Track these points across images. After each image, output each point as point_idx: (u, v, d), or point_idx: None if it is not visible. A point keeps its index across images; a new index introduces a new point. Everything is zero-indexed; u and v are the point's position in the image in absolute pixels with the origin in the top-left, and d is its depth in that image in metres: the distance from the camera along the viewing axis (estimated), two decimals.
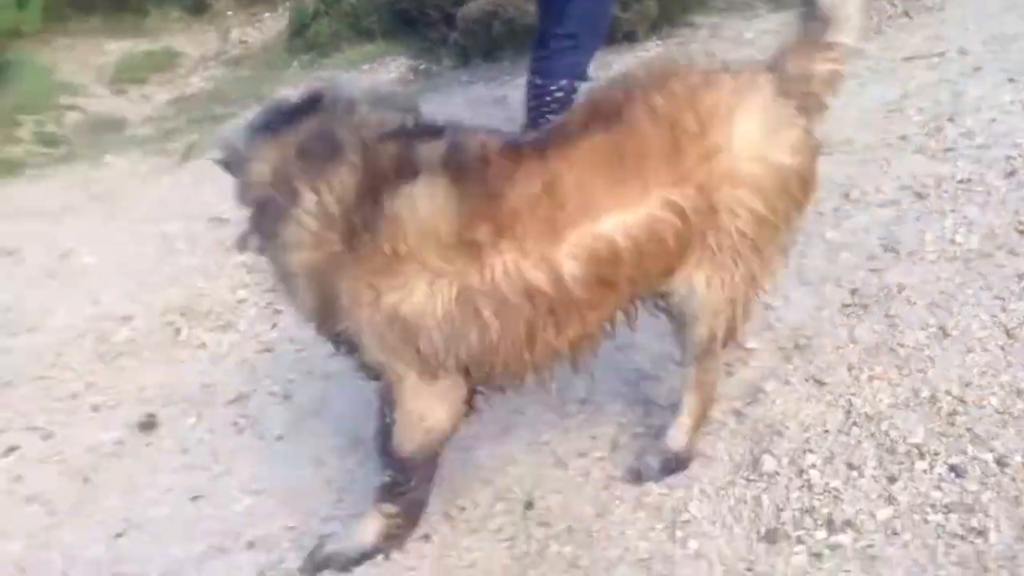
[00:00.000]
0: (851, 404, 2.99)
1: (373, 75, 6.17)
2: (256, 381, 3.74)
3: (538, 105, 4.25)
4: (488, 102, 5.54)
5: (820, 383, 3.11)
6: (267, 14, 7.54)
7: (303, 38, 6.92)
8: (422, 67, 6.26)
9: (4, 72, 6.34)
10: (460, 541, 2.86)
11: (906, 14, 5.67)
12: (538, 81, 4.26)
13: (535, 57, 4.31)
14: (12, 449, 3.60)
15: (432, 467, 2.75)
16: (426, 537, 2.88)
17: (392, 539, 2.79)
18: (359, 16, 6.83)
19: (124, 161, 5.70)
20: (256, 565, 2.91)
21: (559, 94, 4.20)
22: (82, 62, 7.07)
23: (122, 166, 5.65)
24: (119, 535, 3.13)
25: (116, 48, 7.24)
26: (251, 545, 3.00)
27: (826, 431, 2.94)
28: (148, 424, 3.61)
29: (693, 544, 2.67)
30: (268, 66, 6.73)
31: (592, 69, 4.67)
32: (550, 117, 4.08)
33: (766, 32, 5.59)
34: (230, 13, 7.68)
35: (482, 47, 6.12)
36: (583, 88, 4.16)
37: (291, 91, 5.86)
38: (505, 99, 5.50)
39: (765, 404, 3.07)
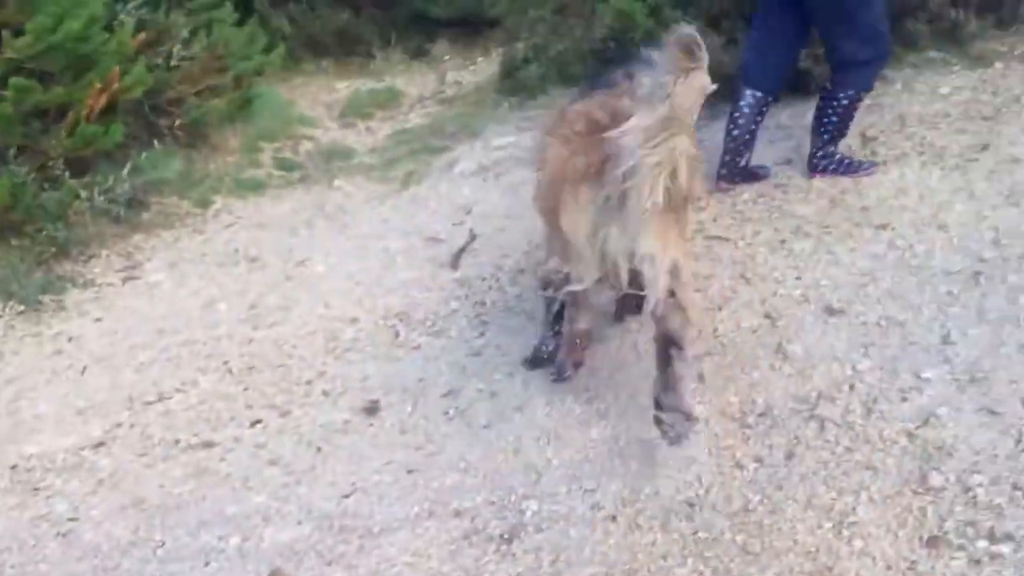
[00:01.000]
0: (1022, 433, 3.17)
1: None
2: (466, 379, 4.14)
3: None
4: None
5: (993, 413, 3.29)
6: (481, 59, 8.01)
7: (513, 80, 7.27)
8: None
9: (249, 105, 6.96)
10: (642, 522, 3.18)
11: None
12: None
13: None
14: (256, 422, 4.10)
15: None
16: (612, 518, 3.23)
17: None
18: (566, 62, 7.15)
19: (351, 185, 6.21)
20: (462, 530, 3.32)
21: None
22: (315, 99, 7.69)
23: (349, 190, 6.16)
24: (346, 496, 3.58)
25: (345, 87, 7.83)
26: (457, 514, 3.40)
27: (995, 455, 3.13)
28: (371, 408, 4.06)
29: (858, 543, 2.91)
30: (479, 105, 7.10)
31: (788, 118, 5.01)
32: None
33: (961, 88, 5.70)
34: (447, 57, 8.21)
35: None
36: None
37: (501, 128, 6.42)
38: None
39: (937, 428, 3.28)
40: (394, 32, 8.33)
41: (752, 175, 5.08)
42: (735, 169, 5.03)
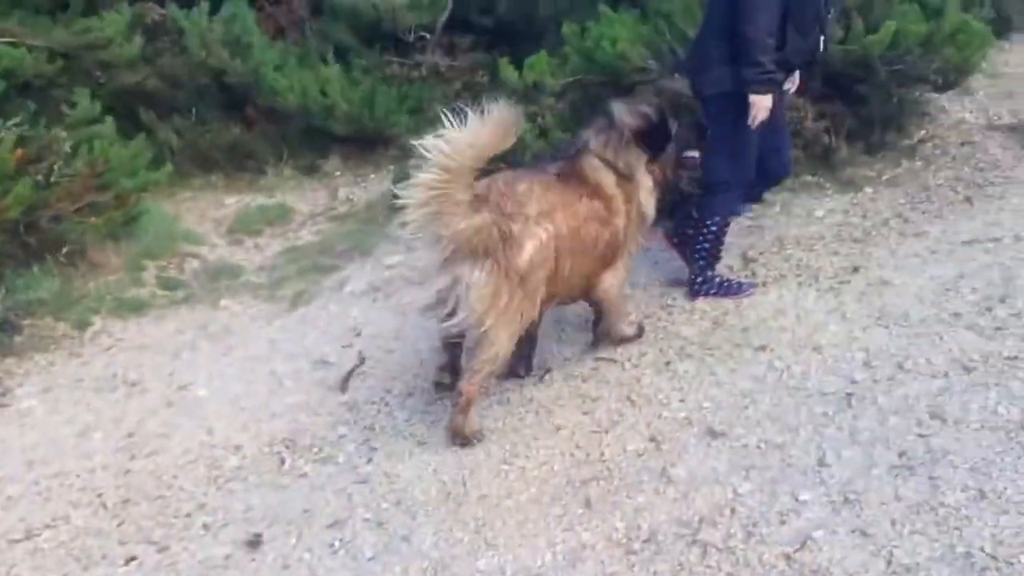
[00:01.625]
0: (892, 555, 3.26)
1: None
2: (352, 508, 4.08)
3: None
4: None
5: (865, 534, 3.38)
6: (373, 175, 8.04)
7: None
8: None
9: (134, 222, 6.84)
10: None
11: (968, 200, 6.00)
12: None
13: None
14: (131, 559, 3.96)
15: None
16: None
17: None
18: None
19: (238, 305, 6.13)
20: None
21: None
22: (203, 214, 7.58)
23: (236, 309, 6.09)
24: None
25: (234, 202, 7.75)
26: None
27: None
28: (254, 542, 3.96)
29: None
30: (371, 223, 7.07)
31: None
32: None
33: (834, 211, 5.98)
34: (338, 173, 8.22)
35: None
36: None
37: (392, 247, 6.44)
38: None
39: (813, 551, 3.35)
40: (286, 147, 8.34)
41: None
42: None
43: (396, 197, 4.08)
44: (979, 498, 3.42)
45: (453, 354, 4.55)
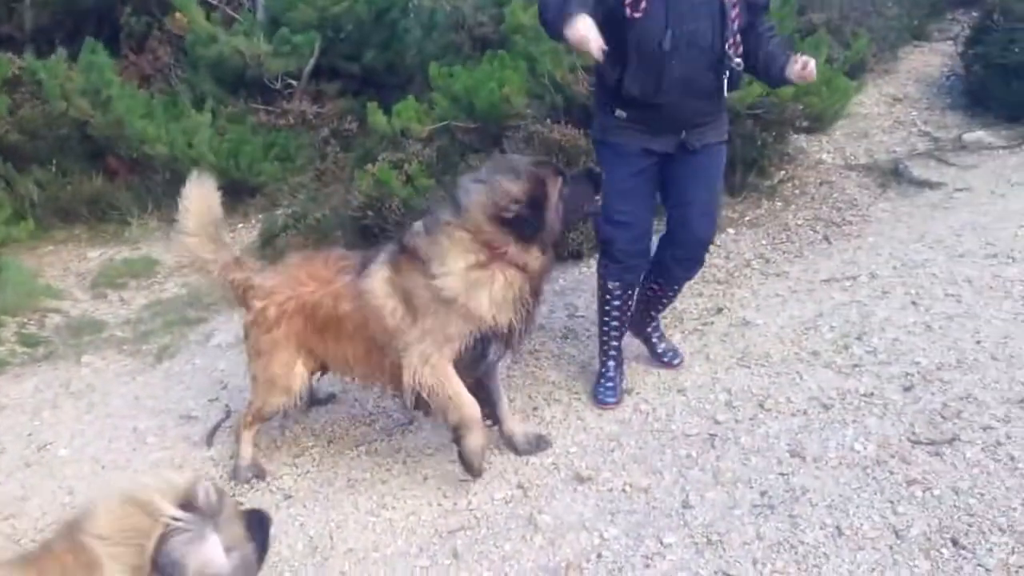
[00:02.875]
0: None
1: None
2: None
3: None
4: None
5: (727, 575, 3.44)
6: (241, 225, 7.93)
7: (273, 247, 7.23)
8: None
9: None
10: None
11: (826, 239, 6.22)
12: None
13: None
14: None
15: None
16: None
17: None
18: (324, 230, 7.22)
19: (101, 361, 5.95)
20: None
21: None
22: (65, 268, 7.37)
23: (99, 365, 5.91)
24: None
25: (98, 255, 7.55)
26: None
27: None
28: None
29: None
30: None
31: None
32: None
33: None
34: None
35: None
36: None
37: None
38: None
39: None
40: (150, 198, 8.15)
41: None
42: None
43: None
44: (836, 535, 3.51)
45: None
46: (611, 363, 4.72)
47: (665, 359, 4.91)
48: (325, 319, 4.27)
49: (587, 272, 5.89)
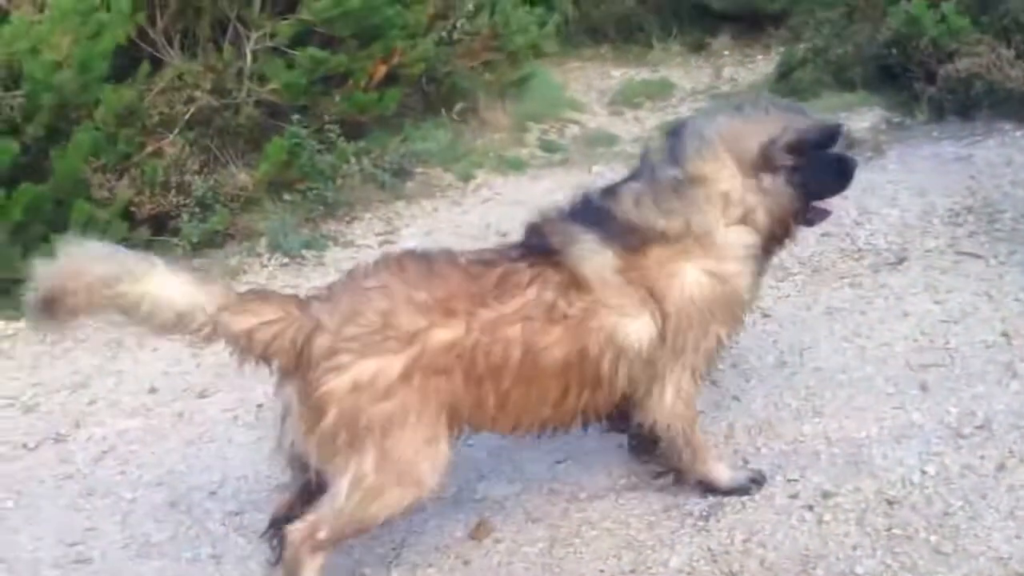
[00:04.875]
0: None
1: (847, 122, 6.24)
2: None
3: None
4: (951, 159, 5.51)
5: None
6: (760, 56, 7.82)
7: (787, 81, 7.05)
8: (896, 119, 6.23)
9: (522, 84, 7.12)
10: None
11: None
12: None
13: None
14: None
15: None
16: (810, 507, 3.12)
17: None
18: (843, 66, 6.88)
19: (611, 172, 6.16)
20: None
21: None
22: (589, 84, 7.77)
23: (608, 176, 6.17)
24: None
25: (620, 75, 7.86)
26: None
27: None
28: None
29: None
30: None
31: None
32: None
33: None
34: (726, 53, 8.06)
35: (959, 105, 6.03)
36: None
37: None
38: (971, 158, 5.45)
39: None
40: (675, 23, 8.28)
41: None
42: None
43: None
44: None
45: None
46: None
47: None
48: (497, 364, 2.86)
49: None
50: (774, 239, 3.08)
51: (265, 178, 5.73)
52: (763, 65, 7.77)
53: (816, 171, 3.01)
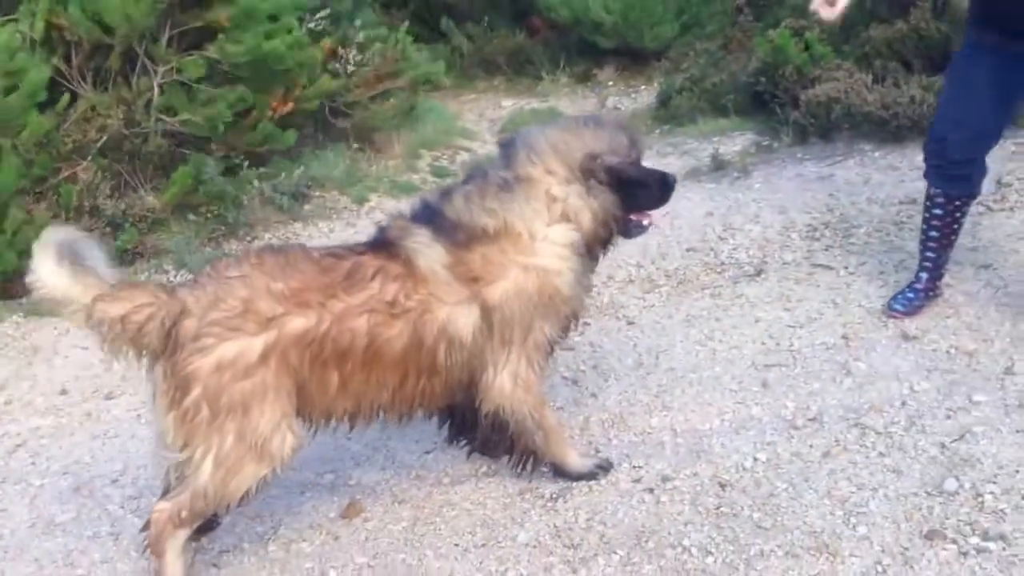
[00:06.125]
0: None
1: (719, 146, 6.73)
2: None
3: None
4: (813, 179, 5.98)
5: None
6: (643, 87, 8.37)
7: (667, 108, 7.58)
8: (764, 143, 6.76)
9: (416, 114, 7.58)
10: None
11: None
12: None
13: None
14: None
15: None
16: (650, 490, 3.50)
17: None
18: (719, 94, 7.42)
19: None
20: None
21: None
22: (481, 114, 8.27)
23: None
24: None
25: (510, 104, 8.39)
26: None
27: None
28: None
29: (862, 529, 3.14)
30: None
31: None
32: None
33: None
34: (611, 83, 8.63)
35: (820, 128, 6.53)
36: None
37: (647, 153, 6.71)
38: (831, 177, 5.94)
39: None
40: (564, 56, 8.84)
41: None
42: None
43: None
44: None
45: None
46: (923, 274, 4.40)
47: None
48: (343, 351, 3.12)
49: None
50: (597, 240, 3.39)
51: (172, 201, 6.11)
52: (645, 95, 8.30)
53: (637, 185, 3.35)
